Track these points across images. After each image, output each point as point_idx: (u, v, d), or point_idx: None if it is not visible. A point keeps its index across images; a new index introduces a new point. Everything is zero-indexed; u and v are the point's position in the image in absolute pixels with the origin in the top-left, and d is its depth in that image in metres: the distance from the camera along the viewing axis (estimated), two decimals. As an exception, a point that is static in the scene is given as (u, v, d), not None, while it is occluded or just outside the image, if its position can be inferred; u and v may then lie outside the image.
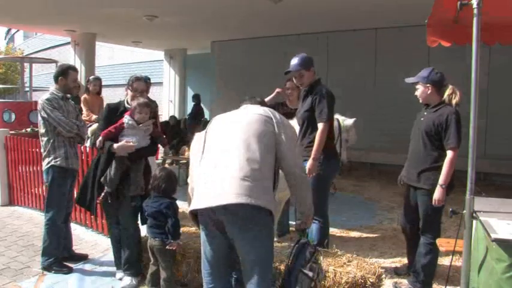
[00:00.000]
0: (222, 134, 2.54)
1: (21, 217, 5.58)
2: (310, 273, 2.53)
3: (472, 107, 2.32)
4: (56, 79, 3.96)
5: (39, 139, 4.01)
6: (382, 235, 5.01)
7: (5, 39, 34.77)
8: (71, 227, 4.28)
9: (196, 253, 3.40)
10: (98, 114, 6.38)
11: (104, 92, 7.18)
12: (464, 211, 2.32)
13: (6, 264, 4.03)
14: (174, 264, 3.44)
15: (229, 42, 11.51)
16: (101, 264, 4.05)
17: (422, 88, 3.39)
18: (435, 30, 3.32)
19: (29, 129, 8.56)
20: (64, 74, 3.94)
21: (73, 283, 3.64)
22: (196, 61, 14.40)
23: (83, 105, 6.39)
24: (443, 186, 3.19)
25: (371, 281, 2.99)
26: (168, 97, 14.71)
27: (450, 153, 3.20)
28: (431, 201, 3.25)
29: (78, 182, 4.62)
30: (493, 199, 2.81)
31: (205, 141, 2.59)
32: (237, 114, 2.66)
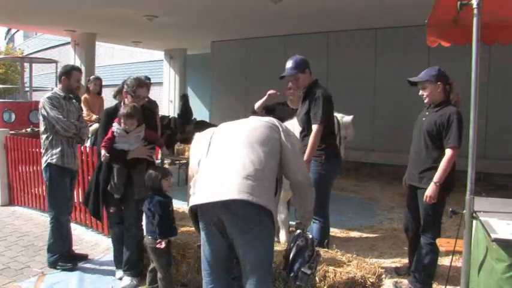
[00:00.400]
0: (227, 137, 2.58)
1: (21, 217, 5.58)
2: (309, 271, 2.62)
3: (472, 107, 2.32)
4: (59, 79, 4.00)
5: (40, 137, 4.03)
6: (382, 235, 5.01)
7: (5, 39, 34.79)
8: (71, 227, 4.28)
9: (196, 253, 3.39)
10: (98, 114, 6.40)
11: (104, 92, 7.19)
12: (464, 211, 2.32)
13: (6, 264, 4.03)
14: (174, 264, 3.45)
15: (229, 42, 11.51)
16: (100, 264, 4.05)
17: (432, 87, 3.32)
18: (435, 30, 3.33)
19: (29, 129, 8.55)
20: (67, 74, 3.96)
21: (73, 283, 3.64)
22: (196, 61, 14.40)
23: (83, 105, 6.39)
24: (436, 184, 3.19)
25: (371, 281, 2.99)
26: (168, 97, 14.72)
27: (449, 152, 3.19)
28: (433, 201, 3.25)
29: (78, 182, 4.64)
30: (493, 199, 2.81)
31: (210, 143, 2.61)
32: (242, 121, 2.71)
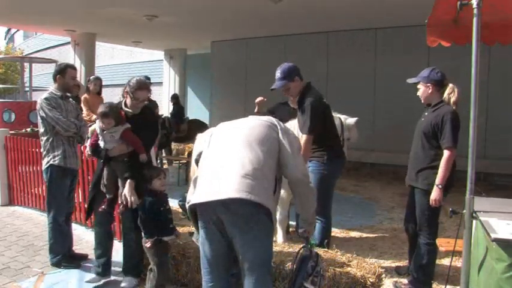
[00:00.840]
0: (226, 136, 2.58)
1: (21, 217, 5.58)
2: (312, 287, 2.55)
3: (472, 107, 2.32)
4: (54, 78, 3.97)
5: (39, 139, 4.02)
6: (382, 235, 5.01)
7: (4, 39, 34.81)
8: (72, 227, 4.28)
9: (196, 253, 3.39)
10: (98, 114, 6.38)
11: (104, 92, 7.19)
12: (464, 211, 2.32)
13: (6, 264, 4.03)
14: (174, 264, 3.45)
15: (229, 42, 11.51)
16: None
17: (423, 88, 3.41)
18: (435, 30, 3.33)
19: (29, 129, 8.54)
20: (62, 72, 3.93)
21: (73, 283, 3.63)
22: (196, 61, 14.40)
23: (83, 105, 6.38)
24: (439, 187, 3.20)
25: (371, 281, 2.99)
26: (168, 97, 14.70)
27: (446, 153, 3.20)
28: (427, 201, 3.26)
29: (78, 182, 4.64)
30: (493, 199, 2.82)
31: (209, 142, 2.62)
32: (240, 121, 2.70)
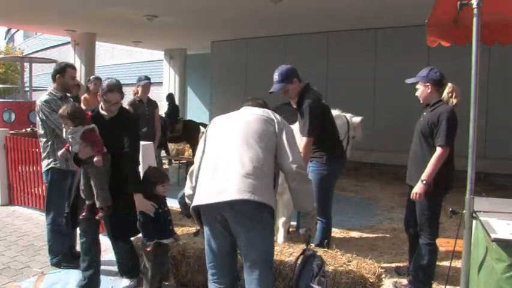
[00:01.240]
0: (222, 134, 2.57)
1: (21, 217, 5.58)
2: None
3: (472, 107, 2.32)
4: (54, 77, 3.94)
5: (38, 140, 4.01)
6: (382, 235, 5.01)
7: (4, 39, 34.81)
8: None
9: (196, 253, 3.40)
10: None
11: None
12: (464, 211, 2.32)
13: (6, 264, 4.03)
14: (174, 264, 3.45)
15: (229, 42, 11.51)
16: (100, 264, 4.04)
17: (422, 87, 3.41)
18: (435, 30, 3.32)
19: (29, 129, 8.54)
20: (61, 72, 3.90)
21: (73, 283, 3.62)
22: (196, 61, 14.39)
23: (83, 104, 6.38)
24: (423, 182, 3.20)
25: (371, 281, 2.99)
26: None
27: (438, 150, 3.21)
28: (427, 200, 3.26)
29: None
30: (493, 199, 2.81)
31: (205, 142, 2.61)
32: (237, 114, 2.68)
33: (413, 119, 3.61)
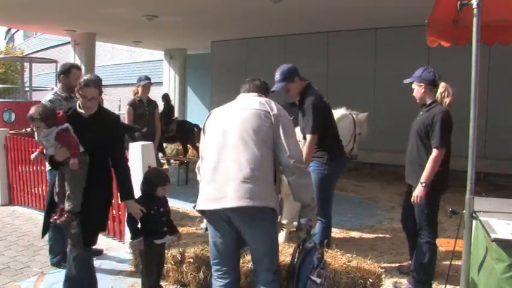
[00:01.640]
0: (218, 133, 2.55)
1: (21, 217, 5.58)
2: (318, 280, 2.51)
3: (472, 107, 2.32)
4: (59, 77, 3.99)
5: None
6: (382, 235, 5.01)
7: (5, 39, 34.79)
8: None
9: (197, 253, 3.40)
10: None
11: (104, 92, 7.17)
12: (464, 211, 2.32)
13: (6, 263, 4.03)
14: (174, 264, 3.45)
15: (229, 42, 11.50)
16: (100, 263, 4.05)
17: (417, 87, 3.43)
18: (435, 30, 3.32)
19: (29, 129, 8.55)
20: (66, 72, 3.93)
21: (73, 283, 3.63)
22: (196, 61, 14.39)
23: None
24: (423, 184, 3.22)
25: (371, 281, 2.99)
26: (168, 97, 14.69)
27: (434, 152, 3.22)
28: (425, 200, 3.26)
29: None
30: (493, 199, 2.81)
31: (205, 137, 2.65)
32: (233, 109, 2.64)
33: (413, 119, 3.61)
